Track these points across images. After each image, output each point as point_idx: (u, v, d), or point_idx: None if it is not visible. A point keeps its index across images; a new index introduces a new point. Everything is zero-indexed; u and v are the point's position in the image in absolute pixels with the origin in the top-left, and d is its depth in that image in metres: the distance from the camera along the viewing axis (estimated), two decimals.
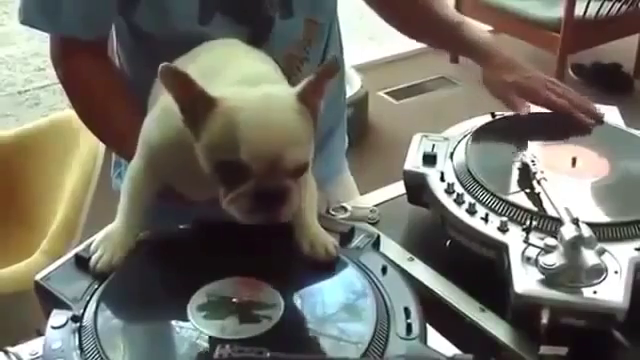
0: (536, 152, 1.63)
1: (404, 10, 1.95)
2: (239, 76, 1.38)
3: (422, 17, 1.95)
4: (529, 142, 1.70)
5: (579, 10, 5.01)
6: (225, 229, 1.41)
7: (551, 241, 1.35)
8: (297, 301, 1.29)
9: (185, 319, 1.24)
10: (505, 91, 1.82)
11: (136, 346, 1.25)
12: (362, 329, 1.22)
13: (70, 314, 1.26)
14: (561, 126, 1.78)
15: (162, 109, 1.41)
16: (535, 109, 1.82)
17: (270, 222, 1.29)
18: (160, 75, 1.24)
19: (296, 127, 1.27)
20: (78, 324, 1.24)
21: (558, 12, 5.05)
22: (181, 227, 1.48)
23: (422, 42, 2.03)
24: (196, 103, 1.26)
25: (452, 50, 1.96)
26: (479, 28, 2.00)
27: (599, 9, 5.06)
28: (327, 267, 1.37)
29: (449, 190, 1.55)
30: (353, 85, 4.81)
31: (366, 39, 5.00)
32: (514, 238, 1.42)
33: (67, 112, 2.94)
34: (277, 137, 1.25)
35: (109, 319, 1.26)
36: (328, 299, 1.33)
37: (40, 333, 1.25)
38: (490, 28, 5.64)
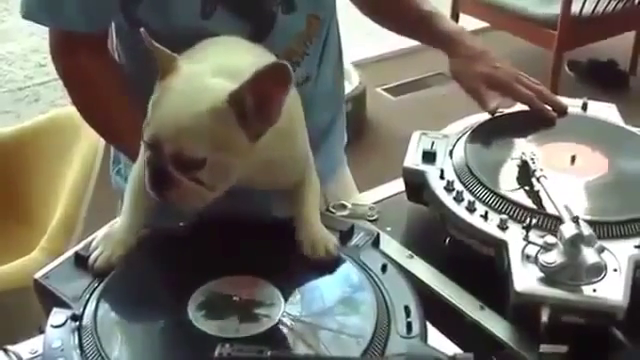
0: (535, 150, 1.63)
1: (381, 4, 1.96)
2: (215, 66, 1.38)
3: (397, 10, 1.95)
4: (528, 140, 1.70)
5: (575, 7, 5.01)
6: (225, 227, 1.41)
7: (551, 239, 1.35)
8: (297, 300, 1.29)
9: (185, 317, 1.24)
10: (473, 82, 1.81)
11: (136, 345, 1.25)
12: (362, 328, 1.23)
13: (70, 313, 1.26)
14: (560, 124, 1.77)
15: None
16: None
17: (168, 204, 1.33)
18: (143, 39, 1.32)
19: (193, 121, 1.27)
20: (78, 323, 1.24)
21: (555, 9, 5.05)
22: (181, 225, 1.49)
23: (399, 34, 2.03)
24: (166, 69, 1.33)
25: (422, 41, 1.95)
26: (450, 21, 2.00)
27: (595, 6, 5.05)
28: (327, 266, 1.37)
29: (449, 188, 1.55)
30: (351, 81, 4.81)
31: (364, 35, 4.97)
32: (514, 236, 1.42)
33: (67, 109, 2.93)
34: (168, 123, 1.28)
35: (109, 318, 1.26)
36: (328, 298, 1.33)
37: (41, 330, 1.25)
38: (487, 25, 5.65)
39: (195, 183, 1.29)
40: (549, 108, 1.79)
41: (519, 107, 1.82)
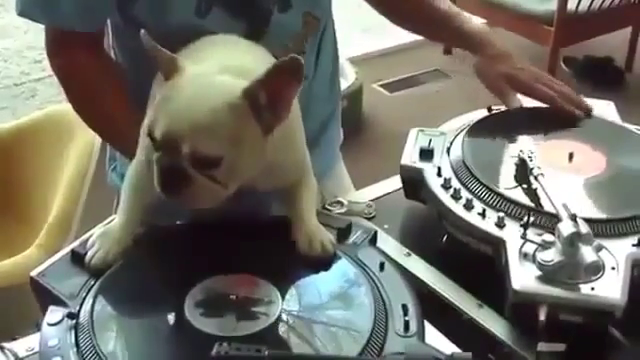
0: (533, 147, 1.62)
1: (400, 4, 1.96)
2: (220, 65, 1.37)
3: (418, 10, 1.95)
4: (526, 137, 1.70)
5: (572, 4, 5.01)
6: (222, 225, 1.41)
7: (549, 237, 1.35)
8: (294, 298, 1.29)
9: (182, 316, 1.24)
10: (496, 81, 1.84)
11: (133, 343, 1.24)
12: (360, 326, 1.22)
13: (66, 311, 1.25)
14: (558, 121, 1.77)
15: None
16: (531, 103, 1.83)
17: (178, 204, 1.32)
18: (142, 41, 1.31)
19: (211, 118, 1.26)
20: (74, 321, 1.23)
21: (551, 5, 5.05)
22: (179, 223, 1.48)
23: (419, 34, 2.05)
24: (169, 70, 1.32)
25: (448, 41, 1.98)
26: (474, 20, 2.01)
27: (591, 3, 5.06)
28: (325, 263, 1.36)
29: (446, 185, 1.55)
30: (347, 77, 4.80)
31: (360, 31, 4.99)
32: (511, 234, 1.42)
33: (63, 105, 2.92)
34: (184, 120, 1.26)
35: (105, 315, 1.26)
36: (325, 296, 1.32)
37: (38, 327, 1.25)
38: (484, 21, 5.65)
39: (210, 181, 1.28)
40: (573, 108, 1.80)
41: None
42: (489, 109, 1.83)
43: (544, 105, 1.82)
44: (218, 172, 1.27)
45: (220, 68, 1.34)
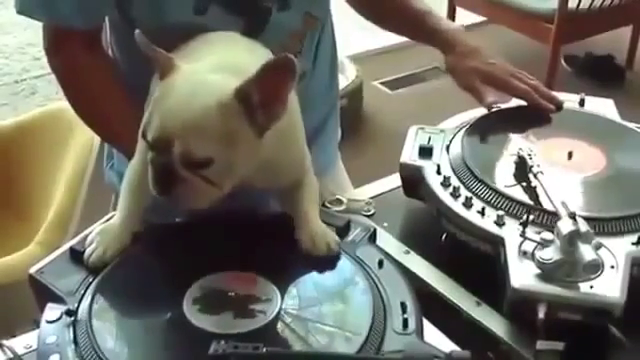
0: (532, 145, 1.62)
1: (373, 2, 1.97)
2: (214, 64, 1.37)
3: (390, 9, 1.96)
4: (525, 135, 1.69)
5: (573, 2, 5.01)
6: (221, 223, 1.40)
7: (548, 235, 1.35)
8: (293, 295, 1.29)
9: (181, 313, 1.24)
10: (468, 77, 1.82)
11: (131, 340, 1.24)
12: (358, 324, 1.22)
13: (64, 308, 1.25)
14: (558, 119, 1.77)
15: None
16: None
17: (172, 204, 1.32)
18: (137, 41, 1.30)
19: (202, 117, 1.25)
20: (72, 318, 1.23)
21: (552, 3, 5.05)
22: (178, 221, 1.48)
23: (389, 31, 2.04)
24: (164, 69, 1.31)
25: (418, 39, 1.95)
26: (445, 19, 2.01)
27: (592, 1, 5.06)
28: (323, 261, 1.36)
29: (445, 183, 1.55)
30: (348, 75, 4.79)
31: (360, 29, 4.96)
32: (511, 232, 1.41)
33: (63, 103, 2.90)
34: (175, 120, 1.25)
35: (104, 313, 1.26)
36: (324, 294, 1.32)
37: (37, 324, 1.25)
38: (484, 19, 5.64)
39: (203, 181, 1.27)
40: (545, 103, 1.79)
41: (515, 103, 1.82)
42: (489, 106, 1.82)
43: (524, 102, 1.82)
44: (210, 172, 1.27)
45: (215, 66, 1.34)
